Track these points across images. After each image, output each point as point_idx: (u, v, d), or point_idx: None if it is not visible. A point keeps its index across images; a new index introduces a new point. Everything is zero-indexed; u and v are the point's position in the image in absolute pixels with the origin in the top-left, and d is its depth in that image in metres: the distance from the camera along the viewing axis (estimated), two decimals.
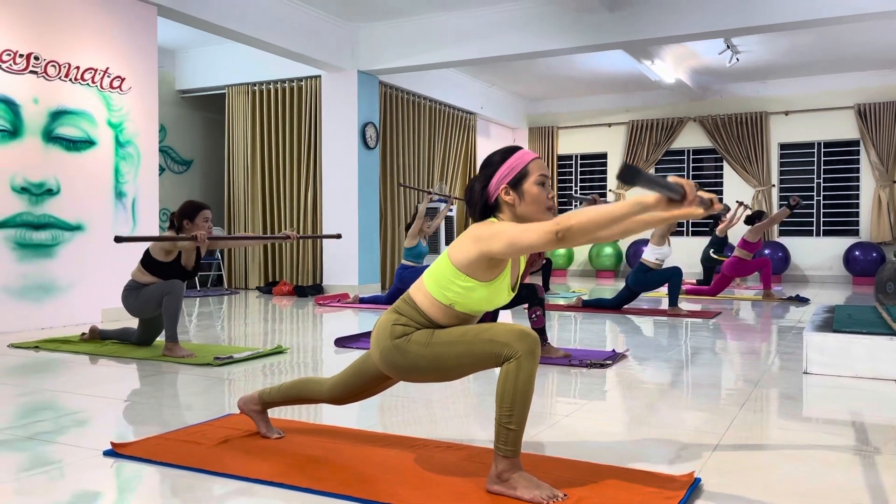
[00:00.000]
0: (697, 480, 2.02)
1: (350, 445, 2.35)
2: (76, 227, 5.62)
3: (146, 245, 4.45)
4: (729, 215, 8.87)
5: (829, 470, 2.20)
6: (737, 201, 9.20)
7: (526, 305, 4.12)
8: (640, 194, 1.81)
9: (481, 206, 2.05)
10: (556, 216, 1.90)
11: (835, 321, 4.15)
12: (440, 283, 2.02)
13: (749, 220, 8.20)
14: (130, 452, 2.27)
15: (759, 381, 3.53)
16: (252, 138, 9.34)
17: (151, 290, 4.14)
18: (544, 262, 7.91)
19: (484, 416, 2.93)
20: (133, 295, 4.20)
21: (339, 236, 5.00)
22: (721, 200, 8.33)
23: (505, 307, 4.16)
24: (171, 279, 4.18)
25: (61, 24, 5.53)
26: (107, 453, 2.29)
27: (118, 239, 3.82)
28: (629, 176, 1.66)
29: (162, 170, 8.93)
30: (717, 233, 9.04)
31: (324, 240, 8.77)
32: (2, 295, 5.14)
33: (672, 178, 1.75)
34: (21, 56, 5.26)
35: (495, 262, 1.97)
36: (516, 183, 2.01)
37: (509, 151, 2.05)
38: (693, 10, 7.13)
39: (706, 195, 1.79)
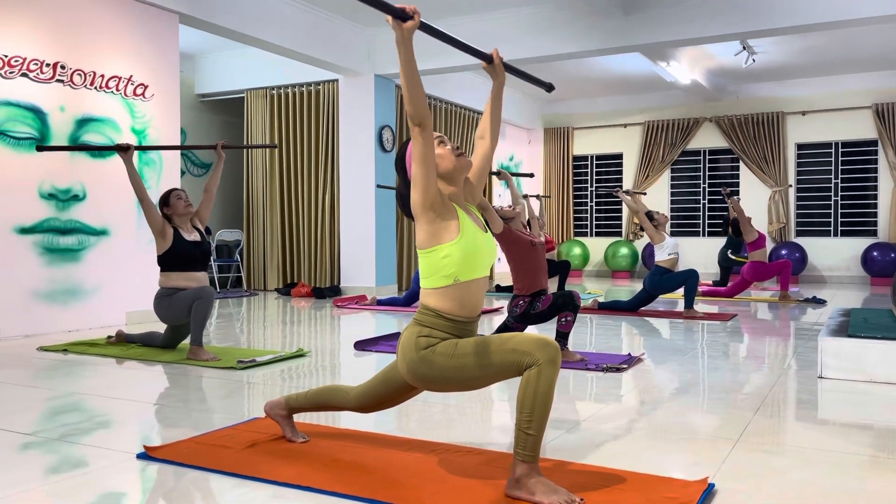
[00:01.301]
0: (711, 486, 2.08)
1: (373, 449, 2.43)
2: (101, 232, 5.75)
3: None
4: (731, 214, 8.89)
5: (843, 475, 2.24)
6: (725, 198, 9.05)
7: None
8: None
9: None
10: (467, 158, 2.22)
11: (850, 325, 4.17)
12: (430, 271, 2.13)
13: (735, 231, 8.44)
14: (162, 456, 2.36)
15: (774, 386, 3.57)
16: (270, 141, 9.45)
17: (182, 296, 4.25)
18: (546, 242, 8.02)
19: (501, 420, 3.00)
20: (164, 302, 4.32)
21: (274, 146, 5.23)
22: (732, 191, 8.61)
23: (543, 318, 4.22)
24: (202, 284, 4.33)
25: (86, 33, 5.66)
26: (140, 456, 2.38)
27: (39, 148, 4.52)
28: None
29: (182, 173, 9.05)
30: (731, 233, 9.06)
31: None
32: (30, 298, 5.28)
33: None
34: (48, 65, 5.39)
35: (437, 209, 2.09)
36: None
37: (404, 145, 2.26)
38: (708, 14, 7.14)
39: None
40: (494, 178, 11.79)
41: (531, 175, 7.22)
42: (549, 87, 2.90)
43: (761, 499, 2.04)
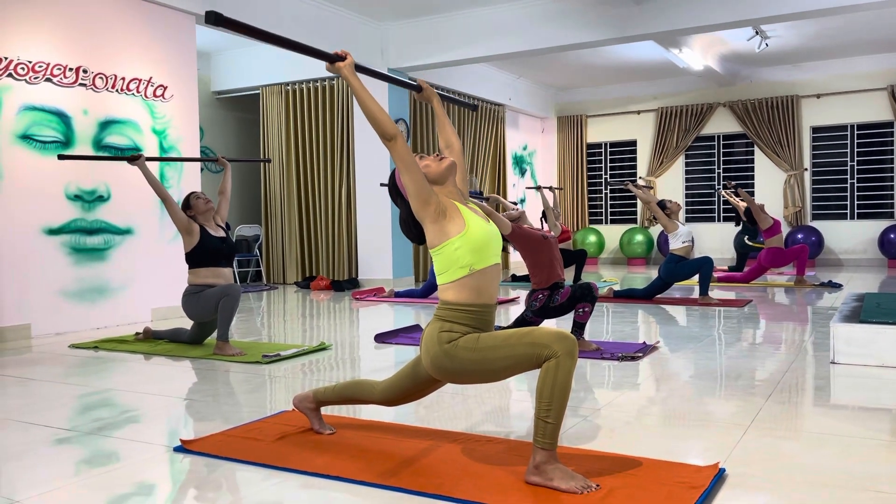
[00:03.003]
0: (722, 470, 2.16)
1: (398, 439, 2.53)
2: (126, 231, 5.90)
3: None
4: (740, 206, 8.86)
5: (852, 459, 2.32)
6: (728, 191, 9.05)
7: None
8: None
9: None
10: (448, 159, 2.39)
11: (863, 311, 4.21)
12: (446, 266, 2.24)
13: (749, 220, 8.43)
14: (198, 448, 2.48)
15: (787, 371, 3.64)
16: (286, 137, 9.57)
17: (210, 293, 4.39)
18: (563, 231, 8.17)
19: (518, 410, 3.09)
20: (193, 300, 4.45)
21: (268, 161, 5.45)
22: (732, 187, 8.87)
23: (562, 311, 4.30)
24: (228, 281, 4.49)
25: (107, 37, 5.78)
26: (177, 449, 2.50)
27: (62, 157, 4.76)
28: (214, 18, 2.12)
29: (200, 170, 9.20)
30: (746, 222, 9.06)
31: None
32: (60, 297, 5.44)
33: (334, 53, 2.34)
34: (71, 70, 5.52)
35: (436, 206, 2.23)
36: None
37: (392, 176, 2.41)
38: (720, 0, 7.14)
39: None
40: (506, 172, 11.85)
41: (550, 188, 7.43)
42: (473, 107, 3.23)
43: (770, 483, 2.12)
